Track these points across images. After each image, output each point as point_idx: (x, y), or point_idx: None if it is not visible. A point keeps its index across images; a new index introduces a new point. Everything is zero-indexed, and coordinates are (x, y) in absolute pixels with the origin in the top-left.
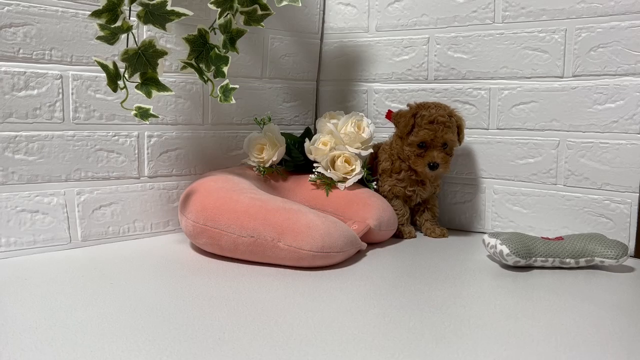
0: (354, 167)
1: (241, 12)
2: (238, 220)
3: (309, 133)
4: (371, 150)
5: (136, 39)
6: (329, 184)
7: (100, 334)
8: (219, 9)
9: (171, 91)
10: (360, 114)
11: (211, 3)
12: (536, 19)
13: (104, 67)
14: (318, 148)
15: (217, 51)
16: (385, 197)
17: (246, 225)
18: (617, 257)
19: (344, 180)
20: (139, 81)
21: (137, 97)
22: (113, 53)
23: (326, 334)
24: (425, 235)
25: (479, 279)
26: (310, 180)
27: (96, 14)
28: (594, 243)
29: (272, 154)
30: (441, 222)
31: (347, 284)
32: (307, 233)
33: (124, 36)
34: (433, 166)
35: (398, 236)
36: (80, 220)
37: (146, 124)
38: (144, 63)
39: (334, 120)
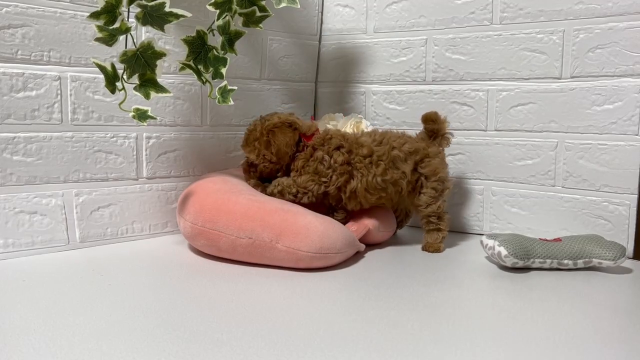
0: None
1: (240, 14)
2: (236, 222)
3: None
4: None
5: (135, 41)
6: None
7: (99, 335)
8: (218, 11)
9: (170, 92)
10: (360, 115)
11: (210, 4)
12: (534, 20)
13: (102, 68)
14: None
15: (216, 52)
16: None
17: (244, 227)
18: (614, 259)
19: None
20: (138, 82)
21: (135, 99)
22: (112, 54)
23: (325, 335)
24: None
25: (477, 281)
26: None
27: (95, 15)
28: (591, 244)
29: None
30: None
31: (346, 285)
32: (306, 234)
33: (122, 37)
34: None
35: None
36: (78, 221)
37: (144, 125)
38: (142, 64)
39: (333, 122)
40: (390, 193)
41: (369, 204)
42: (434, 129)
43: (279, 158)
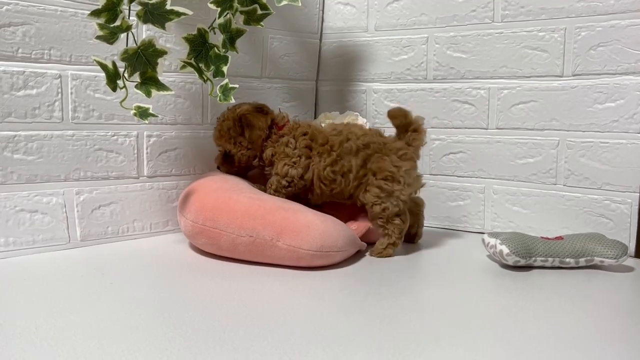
0: None
1: (241, 12)
2: (237, 220)
3: None
4: None
5: (136, 39)
6: None
7: (100, 334)
8: (219, 9)
9: (171, 91)
10: (355, 113)
11: (211, 2)
12: (535, 18)
13: (103, 66)
14: None
15: (217, 51)
16: None
17: (245, 225)
18: (616, 257)
19: None
20: (139, 81)
21: (136, 97)
22: (112, 52)
23: (326, 334)
24: None
25: (479, 279)
26: None
27: (95, 13)
28: (593, 243)
29: None
30: (441, 222)
31: (347, 283)
32: (306, 232)
33: (123, 35)
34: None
35: None
36: (79, 220)
37: (145, 123)
38: (143, 62)
39: (329, 121)
40: (340, 184)
41: (325, 196)
42: (398, 124)
43: (253, 142)
